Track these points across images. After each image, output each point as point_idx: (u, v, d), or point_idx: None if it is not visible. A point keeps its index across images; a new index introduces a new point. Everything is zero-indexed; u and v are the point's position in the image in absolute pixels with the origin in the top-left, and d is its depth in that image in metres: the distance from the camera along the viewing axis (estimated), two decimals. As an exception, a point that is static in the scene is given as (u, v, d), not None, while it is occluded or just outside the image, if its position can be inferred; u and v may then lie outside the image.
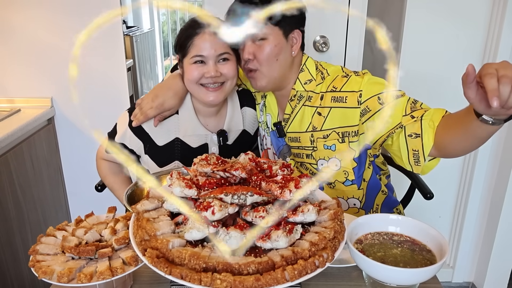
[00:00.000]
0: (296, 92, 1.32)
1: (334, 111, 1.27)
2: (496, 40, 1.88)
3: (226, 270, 0.74)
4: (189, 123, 1.39)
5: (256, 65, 1.26)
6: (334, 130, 1.28)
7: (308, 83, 1.31)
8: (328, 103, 1.28)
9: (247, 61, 1.27)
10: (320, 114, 1.30)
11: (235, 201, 0.86)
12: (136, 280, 0.99)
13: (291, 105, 1.35)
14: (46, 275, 0.84)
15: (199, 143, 1.41)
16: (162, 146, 1.39)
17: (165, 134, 1.38)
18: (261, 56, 1.25)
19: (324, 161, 1.33)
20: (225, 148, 1.43)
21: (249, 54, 1.25)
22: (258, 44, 1.24)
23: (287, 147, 1.41)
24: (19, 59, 1.98)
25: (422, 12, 1.89)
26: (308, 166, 1.37)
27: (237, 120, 1.45)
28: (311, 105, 1.31)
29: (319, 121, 1.30)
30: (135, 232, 0.86)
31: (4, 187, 1.71)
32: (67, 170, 2.17)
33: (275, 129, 1.40)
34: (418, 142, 1.14)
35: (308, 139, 1.33)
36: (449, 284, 2.32)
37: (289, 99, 1.34)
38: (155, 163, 1.41)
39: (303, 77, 1.32)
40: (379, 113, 1.20)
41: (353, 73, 1.28)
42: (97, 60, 1.97)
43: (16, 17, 1.92)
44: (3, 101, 2.03)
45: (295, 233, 0.83)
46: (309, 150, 1.34)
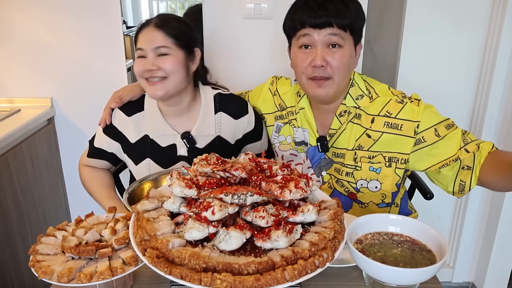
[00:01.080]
0: (346, 107, 1.28)
1: (386, 136, 1.24)
2: (496, 40, 1.88)
3: (226, 270, 0.74)
4: (155, 121, 1.41)
5: (330, 73, 1.19)
6: (381, 153, 1.26)
7: (360, 99, 1.27)
8: (380, 127, 1.24)
9: (317, 67, 1.18)
10: (369, 137, 1.26)
11: (235, 201, 0.86)
12: (136, 280, 0.99)
13: (340, 121, 1.29)
14: (46, 275, 0.84)
15: (167, 143, 1.42)
16: (135, 143, 1.42)
17: (135, 130, 1.41)
18: (336, 64, 1.18)
19: (364, 182, 1.30)
20: (195, 152, 1.41)
21: (322, 61, 1.17)
22: (333, 51, 1.18)
23: (325, 161, 1.36)
24: (19, 59, 1.98)
25: (422, 12, 1.89)
26: (345, 183, 1.33)
27: (208, 125, 1.42)
28: (360, 124, 1.28)
29: (367, 142, 1.27)
30: (135, 232, 0.86)
31: (4, 187, 1.71)
32: (67, 170, 2.17)
33: (318, 144, 1.33)
34: (468, 174, 1.18)
35: (352, 157, 1.29)
36: (449, 284, 2.32)
37: (338, 114, 1.29)
38: (132, 160, 1.44)
39: (354, 92, 1.27)
40: (436, 145, 1.21)
41: (407, 99, 1.25)
42: (97, 60, 1.97)
43: (16, 17, 1.92)
44: (3, 101, 2.03)
45: (295, 233, 0.83)
46: (351, 168, 1.30)
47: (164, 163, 1.42)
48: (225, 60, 1.97)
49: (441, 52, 1.95)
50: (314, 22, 1.16)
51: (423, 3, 1.88)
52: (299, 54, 1.21)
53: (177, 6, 2.25)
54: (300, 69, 1.22)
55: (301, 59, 1.21)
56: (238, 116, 1.44)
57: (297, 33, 1.20)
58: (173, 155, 1.42)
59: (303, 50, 1.20)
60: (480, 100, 2.00)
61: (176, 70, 1.29)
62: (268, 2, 1.86)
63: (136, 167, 1.43)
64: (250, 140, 1.49)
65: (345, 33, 1.18)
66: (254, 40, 1.94)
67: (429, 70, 1.98)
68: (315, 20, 1.16)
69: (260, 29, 1.92)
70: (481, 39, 1.93)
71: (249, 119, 1.46)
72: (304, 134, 1.38)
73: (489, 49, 1.92)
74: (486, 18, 1.90)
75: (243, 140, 1.48)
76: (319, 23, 1.15)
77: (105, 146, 1.44)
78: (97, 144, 1.45)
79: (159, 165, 1.42)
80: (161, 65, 1.27)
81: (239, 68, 1.99)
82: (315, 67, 1.18)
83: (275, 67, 1.98)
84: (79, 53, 1.96)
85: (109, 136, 1.43)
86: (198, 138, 1.41)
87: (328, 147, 1.33)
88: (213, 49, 1.96)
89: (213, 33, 1.94)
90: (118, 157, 1.47)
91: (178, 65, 1.29)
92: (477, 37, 1.93)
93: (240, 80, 1.99)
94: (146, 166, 1.42)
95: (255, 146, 1.51)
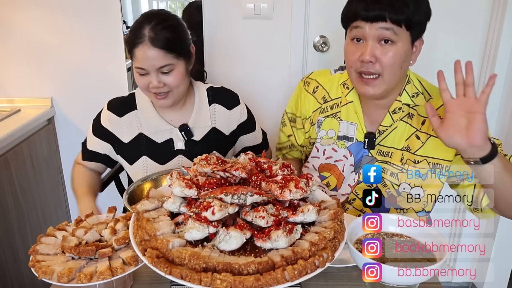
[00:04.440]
0: (401, 104, 1.23)
1: (433, 140, 1.20)
2: (496, 41, 1.88)
3: (226, 270, 0.74)
4: (150, 118, 1.41)
5: (379, 70, 1.12)
6: (426, 158, 1.21)
7: (415, 96, 1.23)
8: (429, 130, 1.20)
9: (365, 62, 1.12)
10: (418, 138, 1.22)
11: (235, 201, 0.86)
12: (136, 280, 0.99)
13: (393, 118, 1.24)
14: (46, 275, 0.84)
15: (164, 138, 1.42)
16: (128, 142, 1.42)
17: (128, 130, 1.41)
18: (387, 61, 1.11)
19: (407, 186, 1.24)
20: (192, 144, 1.43)
21: (371, 56, 1.10)
22: (384, 47, 1.11)
23: (367, 159, 1.29)
24: (19, 59, 1.98)
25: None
26: (388, 184, 1.26)
27: (204, 116, 1.44)
28: (410, 124, 1.23)
29: (415, 144, 1.22)
30: (135, 232, 0.86)
31: (4, 187, 1.71)
32: (67, 170, 2.16)
33: (366, 140, 1.27)
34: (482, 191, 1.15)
35: (399, 158, 1.24)
36: (449, 284, 2.32)
37: (392, 111, 1.23)
38: (126, 161, 1.44)
39: (410, 89, 1.23)
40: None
41: None
42: (97, 60, 1.97)
43: (16, 18, 1.92)
44: (3, 101, 2.03)
45: (295, 233, 0.83)
46: (397, 169, 1.25)
47: (161, 159, 1.43)
48: (225, 60, 1.97)
49: (441, 52, 1.94)
50: (366, 15, 1.10)
51: (423, 3, 1.88)
52: (350, 47, 1.16)
53: (177, 6, 2.24)
54: (350, 63, 1.17)
55: (351, 52, 1.16)
56: (231, 106, 1.47)
57: (350, 25, 1.15)
58: (170, 150, 1.43)
59: (355, 43, 1.15)
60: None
61: (180, 83, 1.31)
62: (268, 2, 1.86)
63: (132, 166, 1.43)
64: (244, 130, 1.52)
65: (400, 29, 1.10)
66: (254, 40, 1.94)
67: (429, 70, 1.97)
68: (367, 12, 1.09)
69: (260, 29, 1.92)
70: (481, 39, 1.93)
71: (242, 109, 1.49)
72: (349, 129, 1.31)
73: (489, 49, 1.92)
74: (486, 18, 1.90)
75: (237, 131, 1.50)
76: (371, 16, 1.09)
77: (97, 148, 1.44)
78: (90, 147, 1.45)
79: (156, 162, 1.42)
80: (166, 82, 1.29)
81: (239, 68, 1.99)
82: (363, 62, 1.12)
83: (275, 67, 1.98)
84: (79, 53, 1.96)
85: (100, 137, 1.43)
86: (194, 130, 1.43)
87: (375, 144, 1.27)
88: (213, 49, 1.96)
89: (213, 33, 1.94)
90: (112, 158, 1.47)
91: (182, 77, 1.31)
92: (477, 37, 1.93)
93: (240, 80, 1.99)
94: (142, 164, 1.42)
95: (250, 137, 1.54)
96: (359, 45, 1.13)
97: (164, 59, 1.25)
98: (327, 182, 1.34)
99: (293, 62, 1.96)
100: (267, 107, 2.00)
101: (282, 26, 1.90)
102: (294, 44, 1.93)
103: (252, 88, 2.00)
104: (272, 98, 2.02)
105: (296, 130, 1.42)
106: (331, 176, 1.33)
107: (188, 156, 1.43)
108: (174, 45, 1.27)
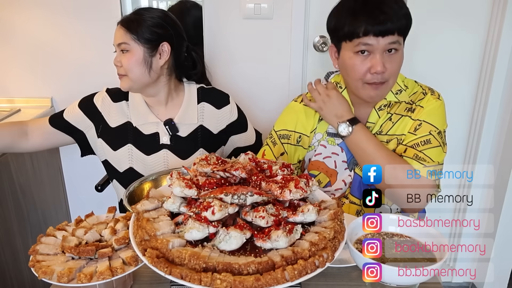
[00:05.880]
0: (387, 102, 1.29)
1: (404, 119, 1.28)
2: (496, 40, 1.88)
3: (226, 270, 0.74)
4: (138, 110, 1.44)
5: (386, 77, 1.20)
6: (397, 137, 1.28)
7: (399, 93, 1.29)
8: (402, 111, 1.28)
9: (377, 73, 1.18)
10: (390, 120, 1.29)
11: (235, 201, 0.86)
12: (136, 280, 0.99)
13: (379, 114, 1.30)
14: (46, 275, 0.84)
15: (150, 131, 1.45)
16: (115, 128, 1.44)
17: (117, 116, 1.44)
18: (394, 69, 1.19)
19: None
20: (178, 140, 1.45)
21: (382, 67, 1.17)
22: (391, 56, 1.18)
23: None
24: (20, 59, 1.98)
25: (422, 12, 1.89)
26: None
27: (191, 114, 1.46)
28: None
29: (387, 126, 1.29)
30: (135, 232, 0.86)
31: (4, 187, 1.71)
32: (67, 170, 2.16)
33: None
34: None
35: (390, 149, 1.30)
36: (449, 284, 2.32)
37: (378, 108, 1.30)
38: (109, 146, 1.44)
39: (394, 87, 1.29)
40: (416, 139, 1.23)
41: (429, 91, 1.30)
42: (97, 60, 1.97)
43: (17, 18, 1.92)
44: (3, 101, 2.03)
45: (295, 233, 0.83)
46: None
47: (147, 150, 1.44)
48: (224, 60, 1.97)
49: (441, 52, 1.94)
50: (377, 31, 1.15)
51: (423, 3, 1.88)
52: (356, 59, 1.20)
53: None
54: (357, 75, 1.21)
55: (358, 65, 1.20)
56: (220, 106, 1.49)
57: (355, 40, 1.18)
58: (155, 143, 1.45)
59: (360, 55, 1.19)
60: (480, 100, 2.00)
61: (133, 67, 1.34)
62: (268, 2, 1.86)
63: (115, 152, 1.43)
64: (234, 131, 1.53)
65: (401, 37, 1.19)
66: (254, 40, 1.94)
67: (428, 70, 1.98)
68: (377, 28, 1.14)
69: (260, 29, 1.92)
70: (481, 39, 1.93)
71: (231, 109, 1.51)
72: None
73: (489, 49, 1.92)
74: (486, 18, 1.90)
75: (227, 131, 1.52)
76: (382, 32, 1.15)
77: (75, 120, 1.43)
78: (67, 116, 1.44)
79: (141, 152, 1.43)
80: (122, 61, 1.35)
81: (239, 68, 1.99)
82: (376, 73, 1.18)
83: (275, 67, 1.98)
84: (79, 53, 1.96)
85: (85, 112, 1.43)
86: (180, 126, 1.45)
87: None
88: (213, 49, 1.96)
89: (213, 33, 1.94)
90: (87, 138, 1.45)
91: (136, 62, 1.34)
92: (477, 37, 1.93)
93: (240, 80, 1.99)
94: (127, 152, 1.43)
95: (242, 138, 1.56)
96: (366, 57, 1.19)
97: (123, 37, 1.34)
98: (318, 180, 1.37)
99: (293, 62, 1.96)
100: (267, 107, 2.00)
101: (282, 26, 1.90)
102: (294, 44, 1.93)
103: (252, 88, 2.00)
104: (272, 98, 2.02)
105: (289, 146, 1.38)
106: (320, 173, 1.36)
107: (173, 151, 1.45)
108: (135, 26, 1.34)
